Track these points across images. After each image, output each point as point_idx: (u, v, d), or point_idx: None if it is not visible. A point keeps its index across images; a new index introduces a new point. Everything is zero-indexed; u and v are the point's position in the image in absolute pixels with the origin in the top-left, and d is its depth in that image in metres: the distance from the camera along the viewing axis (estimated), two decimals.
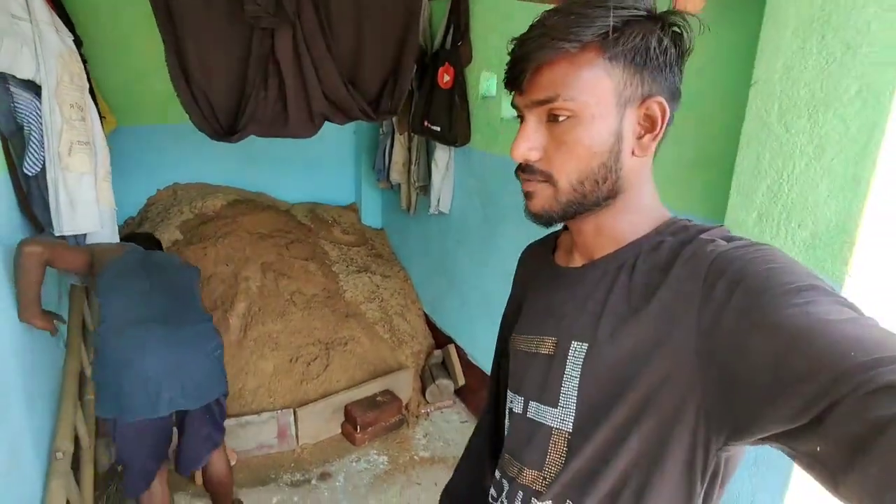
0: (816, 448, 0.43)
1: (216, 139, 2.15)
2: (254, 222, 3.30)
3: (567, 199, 0.64)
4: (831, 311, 0.47)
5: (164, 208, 3.30)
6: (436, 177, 2.92)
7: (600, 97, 0.60)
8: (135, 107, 3.12)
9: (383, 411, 2.84)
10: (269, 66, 2.04)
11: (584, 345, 0.65)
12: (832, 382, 0.42)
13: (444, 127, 2.67)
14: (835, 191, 1.15)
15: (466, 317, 3.06)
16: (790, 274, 0.52)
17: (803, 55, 1.16)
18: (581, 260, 0.72)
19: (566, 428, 0.66)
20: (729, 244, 0.59)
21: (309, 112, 2.17)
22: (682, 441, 0.58)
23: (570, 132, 0.61)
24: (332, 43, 2.10)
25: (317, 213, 3.72)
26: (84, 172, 1.87)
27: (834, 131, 1.13)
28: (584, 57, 0.60)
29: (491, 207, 2.67)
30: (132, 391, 1.76)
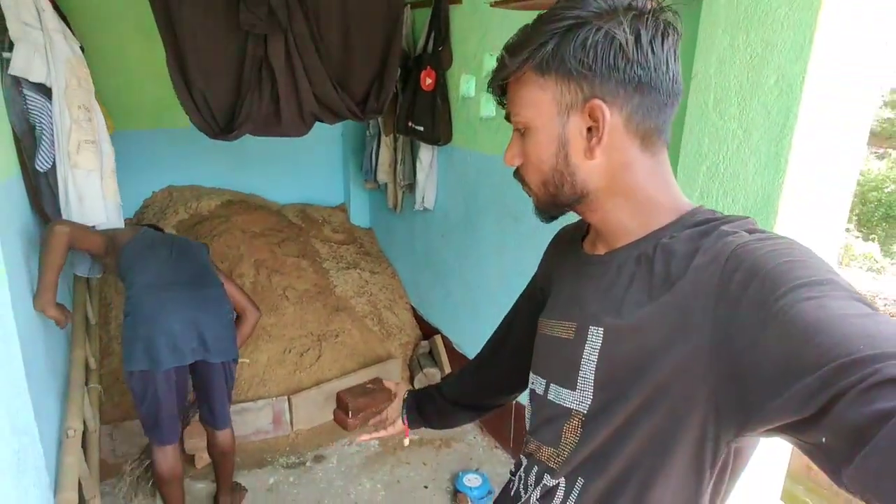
0: (822, 439, 0.44)
1: (214, 138, 2.30)
2: (247, 222, 3.44)
3: (542, 199, 0.71)
4: (845, 306, 0.48)
5: (160, 209, 3.43)
6: (420, 175, 3.09)
7: (540, 110, 0.66)
8: (131, 112, 3.26)
9: (374, 398, 2.92)
10: (263, 69, 2.21)
11: (600, 329, 0.67)
12: (837, 374, 0.43)
13: (427, 127, 2.83)
14: (760, 168, 1.32)
15: (451, 308, 3.21)
16: (807, 268, 0.52)
17: (732, 51, 1.34)
18: (604, 248, 0.73)
19: (582, 410, 0.68)
20: (750, 236, 0.59)
21: (300, 112, 2.34)
22: (693, 430, 0.59)
23: (527, 142, 0.69)
24: (321, 48, 2.28)
25: (307, 213, 3.87)
26: (91, 169, 2.02)
27: (758, 116, 1.31)
28: (525, 76, 0.66)
29: (472, 202, 2.83)
30: (161, 345, 1.97)
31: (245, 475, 2.59)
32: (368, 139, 3.52)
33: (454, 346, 3.21)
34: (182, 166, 3.55)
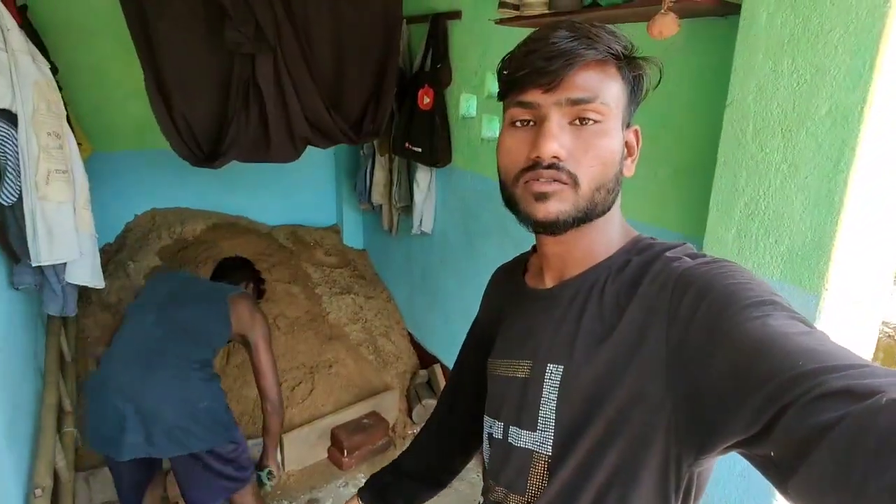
0: (770, 453, 0.45)
1: (198, 166, 2.14)
2: (234, 246, 3.26)
3: (584, 204, 0.63)
4: (786, 325, 0.50)
5: (142, 234, 3.25)
6: (418, 197, 2.93)
7: (618, 110, 0.63)
8: (110, 132, 3.08)
9: (370, 434, 2.81)
10: (251, 91, 2.05)
11: (559, 367, 0.66)
12: (781, 389, 0.44)
13: (426, 148, 2.69)
14: (810, 207, 1.19)
15: (451, 335, 3.05)
16: (750, 289, 0.54)
17: (775, 77, 1.21)
18: (551, 281, 0.72)
19: (545, 451, 0.66)
20: (693, 261, 0.61)
21: (291, 136, 2.18)
22: (656, 457, 0.59)
23: (598, 137, 0.62)
24: (312, 67, 2.12)
25: (298, 235, 3.70)
26: (62, 201, 1.84)
27: (807, 149, 1.18)
28: (611, 69, 0.63)
29: (473, 226, 2.69)
30: (97, 425, 1.71)
31: None
32: (362, 159, 3.37)
33: None
34: (166, 188, 3.37)
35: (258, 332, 1.96)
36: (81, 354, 2.71)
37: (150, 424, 1.66)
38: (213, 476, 1.80)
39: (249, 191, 3.61)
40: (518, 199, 0.65)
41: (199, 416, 1.73)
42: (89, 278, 2.01)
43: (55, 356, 2.23)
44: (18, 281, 1.95)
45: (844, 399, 0.41)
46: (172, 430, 1.68)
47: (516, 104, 0.64)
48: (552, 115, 0.61)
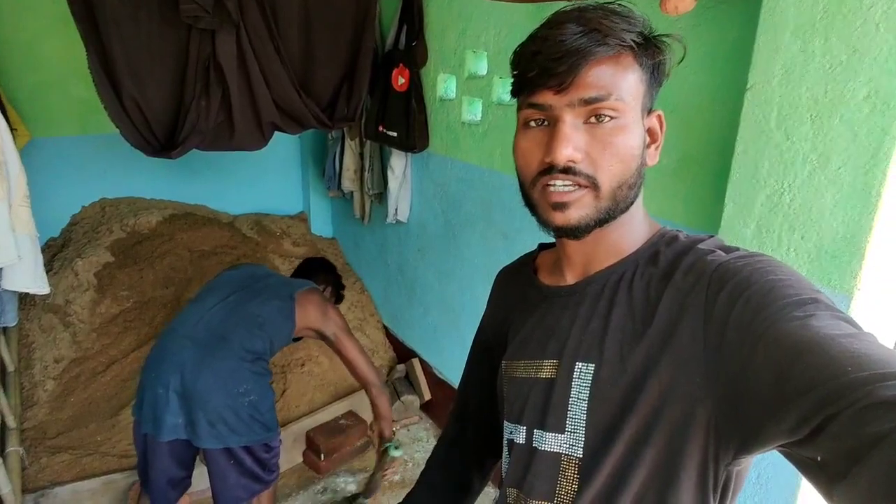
0: (817, 458, 0.44)
1: (153, 155, 1.91)
2: (194, 239, 3.04)
3: (606, 205, 0.61)
4: (831, 326, 0.48)
5: (91, 227, 2.98)
6: (392, 184, 2.77)
7: (636, 101, 0.61)
8: (50, 116, 2.79)
9: (348, 435, 2.67)
10: (211, 72, 1.82)
11: (590, 365, 0.63)
12: (829, 397, 0.43)
13: (402, 132, 2.52)
14: (842, 200, 1.09)
15: (430, 328, 2.93)
16: (791, 287, 0.52)
17: (805, 58, 1.10)
18: (573, 277, 0.70)
19: (576, 454, 0.63)
20: (728, 255, 0.59)
21: (257, 122, 1.97)
22: (694, 455, 0.57)
23: (616, 134, 0.60)
24: (280, 45, 1.91)
25: (263, 224, 3.48)
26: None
27: (840, 138, 1.08)
28: (626, 59, 0.60)
29: (454, 216, 2.55)
30: (143, 401, 1.72)
31: None
32: (331, 143, 3.17)
33: (433, 370, 2.93)
34: (116, 176, 3.09)
35: (333, 325, 1.96)
36: (26, 364, 2.47)
37: (195, 409, 1.65)
38: (239, 473, 1.76)
39: (209, 178, 3.36)
40: (536, 204, 0.64)
41: (241, 409, 1.70)
42: (30, 283, 1.79)
43: None
44: None
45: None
46: (214, 419, 1.66)
47: (528, 105, 0.62)
48: (565, 116, 0.60)
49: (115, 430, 2.37)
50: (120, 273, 2.76)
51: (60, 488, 2.19)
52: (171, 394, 1.66)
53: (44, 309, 2.60)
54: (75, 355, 2.53)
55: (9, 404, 2.15)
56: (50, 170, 2.85)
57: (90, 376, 2.50)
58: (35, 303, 2.61)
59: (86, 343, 2.57)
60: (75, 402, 2.43)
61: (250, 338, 1.75)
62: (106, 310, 2.66)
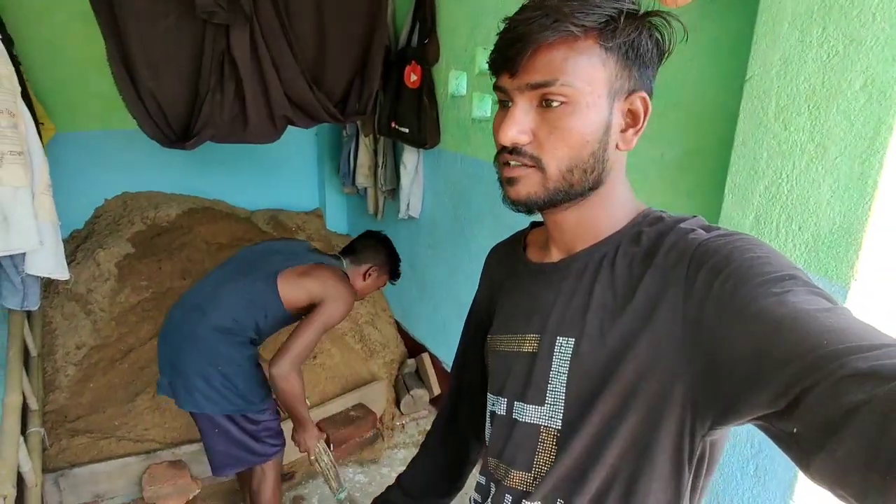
0: (793, 430, 0.45)
1: (168, 147, 1.98)
2: (212, 232, 3.12)
3: (554, 186, 0.63)
4: (808, 301, 0.49)
5: (113, 220, 3.07)
6: (404, 180, 2.80)
7: (595, 86, 0.60)
8: (75, 111, 2.89)
9: (357, 426, 2.71)
10: (225, 65, 1.88)
11: (570, 339, 0.65)
12: (806, 369, 0.44)
13: (413, 128, 2.55)
14: (839, 191, 1.09)
15: (440, 323, 2.95)
16: (769, 264, 0.53)
17: (802, 48, 1.10)
18: (559, 254, 0.72)
19: (554, 425, 0.66)
20: (709, 234, 0.60)
21: (270, 115, 2.02)
22: (670, 428, 0.59)
23: (564, 119, 0.60)
24: (293, 39, 1.96)
25: (279, 219, 3.55)
26: (19, 186, 1.68)
27: (837, 128, 1.08)
28: (583, 43, 0.59)
29: (463, 210, 2.57)
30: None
31: None
32: (346, 140, 3.22)
33: (443, 365, 2.95)
34: (137, 170, 3.19)
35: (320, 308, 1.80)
36: (49, 350, 2.56)
37: (174, 373, 1.77)
38: (230, 443, 1.82)
39: (227, 174, 3.44)
40: (499, 179, 0.67)
41: (213, 378, 1.75)
42: (52, 269, 1.86)
43: (17, 352, 2.08)
44: None
45: (871, 380, 0.40)
46: (189, 386, 1.75)
47: (494, 87, 0.65)
48: (517, 100, 0.62)
49: (132, 415, 2.44)
50: (139, 264, 2.84)
51: (79, 469, 2.26)
52: (163, 357, 1.81)
53: (67, 297, 2.69)
54: (95, 342, 2.61)
55: (32, 388, 2.23)
56: (74, 163, 2.95)
57: (109, 363, 2.58)
58: (59, 291, 2.70)
59: (105, 331, 2.65)
60: (94, 387, 2.51)
61: (228, 312, 1.77)
62: (125, 299, 2.74)
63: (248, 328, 1.81)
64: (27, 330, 2.33)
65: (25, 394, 2.09)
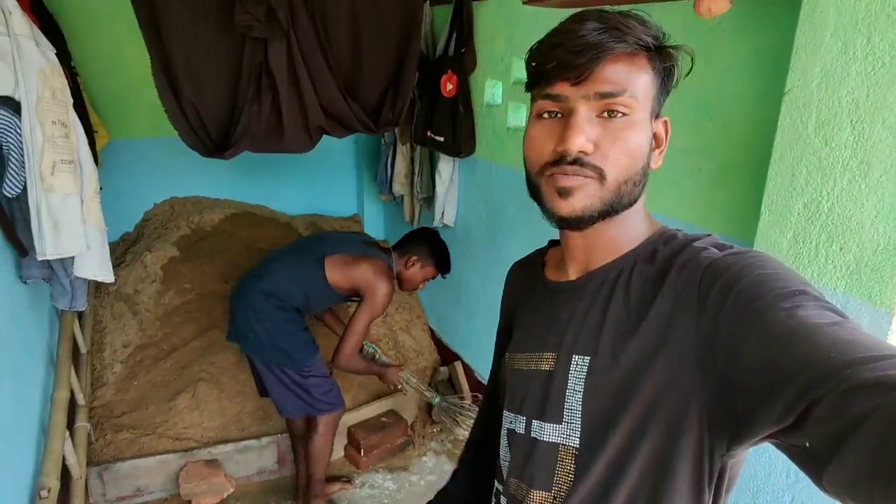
0: (805, 444, 0.45)
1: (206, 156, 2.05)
2: (253, 236, 3.20)
3: (609, 197, 0.63)
4: (816, 315, 0.49)
5: (160, 224, 3.20)
6: (440, 188, 2.81)
7: (647, 102, 0.62)
8: (127, 120, 3.03)
9: (388, 433, 2.72)
10: (263, 78, 1.94)
11: (585, 358, 0.65)
12: (813, 382, 0.44)
13: (448, 137, 2.56)
14: (884, 210, 1.03)
15: (473, 332, 2.94)
16: (780, 279, 0.54)
17: (846, 60, 1.05)
18: (575, 273, 0.72)
19: (572, 444, 0.66)
20: (721, 252, 0.61)
21: (305, 126, 2.06)
22: (689, 448, 0.59)
23: (626, 130, 0.61)
24: (328, 52, 2.00)
25: (318, 225, 3.61)
26: (69, 193, 1.77)
27: (882, 144, 1.02)
28: (641, 61, 0.61)
29: (496, 219, 2.56)
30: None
31: None
32: (384, 148, 3.25)
33: (475, 374, 2.94)
34: (184, 176, 3.31)
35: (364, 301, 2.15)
36: (98, 347, 2.68)
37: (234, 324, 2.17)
38: (285, 389, 2.16)
39: (269, 180, 3.53)
40: (543, 192, 0.65)
41: (260, 332, 2.09)
42: (98, 271, 1.94)
43: (67, 349, 2.18)
44: (27, 275, 1.90)
45: (876, 390, 0.40)
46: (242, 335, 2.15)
47: (544, 96, 0.63)
48: (580, 108, 0.61)
49: (172, 413, 2.52)
50: (184, 267, 2.95)
51: (121, 464, 2.36)
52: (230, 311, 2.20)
53: (115, 297, 2.81)
54: (140, 341, 2.72)
55: (80, 384, 2.34)
56: (126, 169, 3.09)
57: (153, 362, 2.68)
58: (109, 291, 2.83)
59: (150, 330, 2.76)
60: (139, 384, 2.61)
61: (275, 282, 2.11)
62: (169, 301, 2.84)
63: (293, 297, 2.14)
64: (77, 328, 2.45)
65: (74, 389, 2.19)
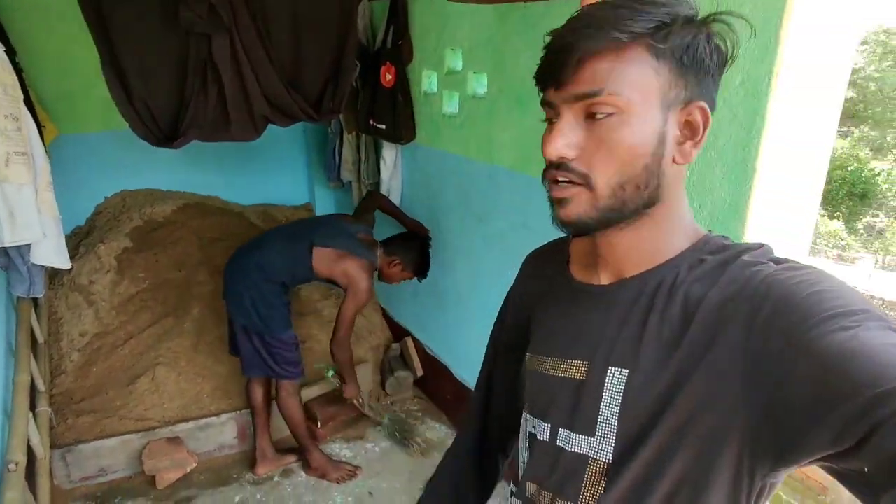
0: (863, 468, 0.44)
1: (158, 146, 2.16)
2: (205, 226, 3.30)
3: (606, 204, 0.60)
4: (880, 336, 0.46)
5: (112, 216, 3.26)
6: (384, 174, 2.98)
7: (646, 95, 0.57)
8: (76, 114, 3.07)
9: (343, 406, 2.89)
10: (208, 71, 2.07)
11: (624, 371, 0.62)
12: (874, 404, 0.42)
13: (389, 125, 2.73)
14: (727, 173, 1.26)
15: (420, 309, 3.13)
16: (838, 298, 0.50)
17: None
18: (608, 277, 0.67)
19: (604, 458, 0.63)
20: (777, 266, 0.57)
21: (250, 115, 2.20)
22: (727, 466, 0.56)
23: (613, 130, 0.57)
24: (270, 47, 2.14)
25: (270, 213, 3.73)
26: (23, 183, 1.87)
27: (724, 119, 1.25)
28: (632, 51, 0.56)
29: (437, 202, 2.75)
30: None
31: (210, 494, 2.49)
32: (331, 137, 3.39)
33: (425, 348, 3.13)
34: (136, 169, 3.37)
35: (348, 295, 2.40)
36: (55, 337, 2.75)
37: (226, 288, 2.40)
38: (254, 352, 2.39)
39: (221, 172, 3.62)
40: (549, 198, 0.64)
41: (244, 298, 2.33)
42: (54, 258, 2.05)
43: (26, 337, 2.27)
44: None
45: None
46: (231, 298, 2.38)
47: (542, 102, 0.63)
48: (564, 112, 0.59)
49: (132, 396, 2.63)
50: (137, 257, 3.03)
51: (84, 445, 2.46)
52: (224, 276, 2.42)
53: (70, 288, 2.88)
54: (97, 330, 2.80)
55: (39, 371, 2.42)
56: (76, 163, 3.13)
57: (110, 349, 2.77)
58: (63, 283, 2.89)
59: (107, 319, 2.84)
60: (97, 371, 2.70)
61: (267, 256, 2.34)
62: (125, 290, 2.93)
63: (281, 272, 2.37)
64: (34, 319, 2.53)
65: (34, 375, 2.28)
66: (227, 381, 2.79)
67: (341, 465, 2.59)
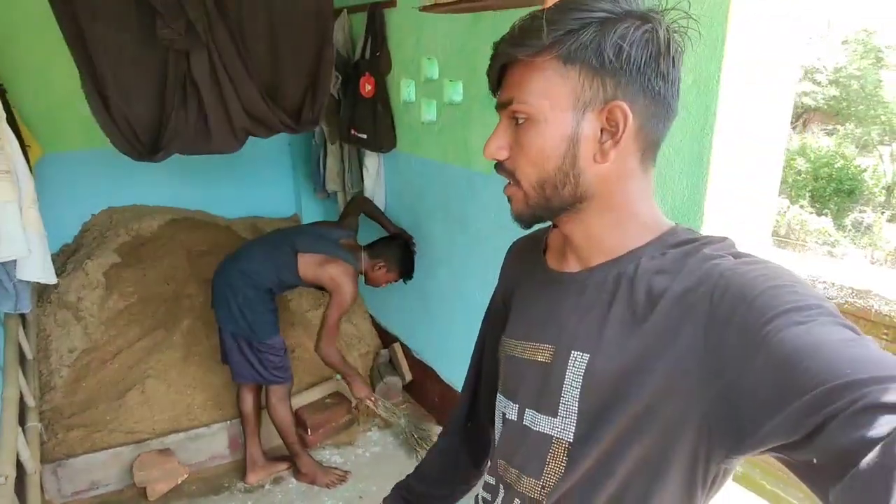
0: (813, 460, 0.46)
1: (140, 160, 2.20)
2: (192, 240, 3.33)
3: (533, 201, 0.65)
4: (833, 332, 0.49)
5: (99, 233, 3.29)
6: (368, 182, 3.03)
7: (554, 101, 0.60)
8: (61, 133, 3.10)
9: (333, 412, 2.92)
10: (188, 86, 2.12)
11: (585, 355, 0.65)
12: (826, 398, 0.44)
13: (370, 134, 2.78)
14: (685, 168, 1.32)
15: (408, 315, 3.17)
16: (794, 293, 0.53)
17: None
18: (577, 265, 0.71)
19: (566, 438, 0.66)
20: (735, 260, 0.59)
21: (231, 128, 2.25)
22: (684, 452, 0.59)
23: (526, 135, 0.63)
24: (248, 61, 2.19)
25: (258, 226, 3.76)
26: (7, 200, 1.90)
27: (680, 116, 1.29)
28: (542, 60, 0.60)
29: (419, 208, 2.79)
30: None
31: (202, 503, 2.51)
32: (315, 148, 3.44)
33: (413, 353, 3.17)
34: (122, 186, 3.40)
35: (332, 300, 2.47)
36: (44, 354, 2.77)
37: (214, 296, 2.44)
38: (242, 359, 2.43)
39: (207, 186, 3.65)
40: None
41: (232, 304, 2.36)
42: (40, 274, 2.08)
43: (14, 352, 2.29)
44: None
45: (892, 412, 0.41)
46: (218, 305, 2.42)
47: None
48: (501, 117, 0.65)
49: (122, 410, 2.64)
50: (125, 272, 3.05)
51: (74, 459, 2.48)
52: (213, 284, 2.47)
53: (59, 305, 2.90)
54: (86, 345, 2.82)
55: (28, 388, 2.44)
56: (62, 182, 3.16)
57: (100, 364, 2.78)
58: (51, 300, 2.91)
59: (95, 335, 2.86)
60: (87, 386, 2.72)
61: (252, 263, 2.41)
62: (113, 305, 2.95)
63: (266, 279, 2.42)
64: (22, 335, 2.55)
65: (23, 391, 2.30)
66: (219, 391, 2.81)
67: (331, 470, 2.61)
